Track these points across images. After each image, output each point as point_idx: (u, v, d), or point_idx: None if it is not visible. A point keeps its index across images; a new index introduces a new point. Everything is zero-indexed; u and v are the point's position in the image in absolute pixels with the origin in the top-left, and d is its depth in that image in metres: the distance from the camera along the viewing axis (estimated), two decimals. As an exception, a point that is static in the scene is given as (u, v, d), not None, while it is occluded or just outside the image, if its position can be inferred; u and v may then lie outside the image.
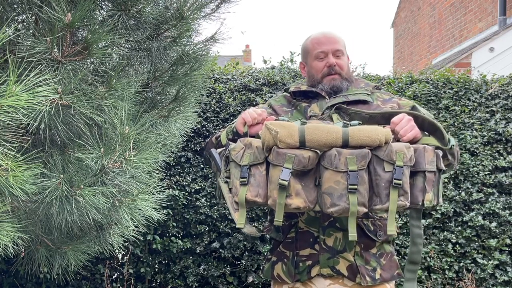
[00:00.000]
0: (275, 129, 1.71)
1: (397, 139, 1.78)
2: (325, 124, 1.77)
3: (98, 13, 2.25)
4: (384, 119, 1.87)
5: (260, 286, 4.03)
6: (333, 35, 2.10)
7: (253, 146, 1.76)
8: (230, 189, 1.79)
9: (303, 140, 1.71)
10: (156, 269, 3.99)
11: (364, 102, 2.03)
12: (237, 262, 4.08)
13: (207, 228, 3.96)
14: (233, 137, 1.95)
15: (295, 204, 1.69)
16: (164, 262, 4.00)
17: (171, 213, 3.84)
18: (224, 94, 4.06)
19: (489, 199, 4.20)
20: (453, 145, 1.84)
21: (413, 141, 1.79)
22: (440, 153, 1.76)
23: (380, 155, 1.69)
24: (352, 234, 1.68)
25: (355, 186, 1.66)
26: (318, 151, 1.72)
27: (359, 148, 1.70)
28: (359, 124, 1.79)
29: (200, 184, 3.95)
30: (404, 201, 1.67)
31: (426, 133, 1.86)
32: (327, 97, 2.04)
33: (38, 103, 1.59)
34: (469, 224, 4.17)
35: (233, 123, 2.01)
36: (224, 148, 1.88)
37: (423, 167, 1.70)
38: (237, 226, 1.73)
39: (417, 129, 1.81)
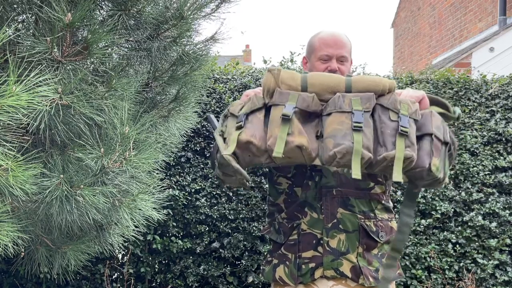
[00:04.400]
0: (277, 70, 1.67)
1: None
2: (328, 73, 1.72)
3: (98, 13, 2.25)
4: None
5: (260, 286, 4.03)
6: (341, 39, 2.07)
7: (252, 97, 1.71)
8: (224, 139, 1.72)
9: (305, 84, 1.66)
10: (156, 269, 3.99)
11: None
12: (237, 262, 4.08)
13: (207, 228, 3.96)
14: None
15: (297, 141, 1.60)
16: (164, 262, 4.00)
17: (171, 213, 3.84)
18: (224, 94, 4.06)
19: (489, 199, 4.20)
20: (460, 114, 1.81)
21: (420, 104, 1.74)
22: (448, 128, 1.71)
23: (384, 103, 1.64)
24: (356, 172, 1.57)
25: (360, 125, 1.59)
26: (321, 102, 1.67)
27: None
28: None
29: (200, 184, 3.95)
30: (411, 152, 1.59)
31: None
32: None
33: (38, 103, 1.59)
34: (469, 224, 4.17)
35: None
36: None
37: (430, 130, 1.64)
38: (223, 153, 1.61)
39: (420, 91, 1.77)
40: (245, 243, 3.97)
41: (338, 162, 1.62)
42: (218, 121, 1.89)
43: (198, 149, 3.98)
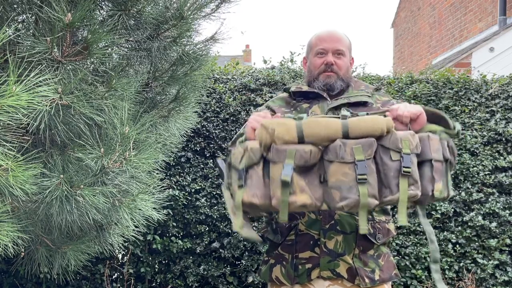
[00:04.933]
0: (271, 126, 1.65)
1: (401, 122, 1.73)
2: (322, 118, 1.70)
3: (98, 13, 2.25)
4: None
5: (260, 286, 4.03)
6: (337, 35, 2.08)
7: (248, 148, 1.70)
8: (231, 195, 1.73)
9: (302, 135, 1.64)
10: (156, 269, 3.99)
11: (365, 103, 2.02)
12: (237, 262, 4.08)
13: (207, 228, 3.96)
14: None
15: (300, 201, 1.62)
16: (164, 262, 4.00)
17: (171, 213, 3.84)
18: (224, 94, 4.06)
19: (489, 199, 4.20)
20: (459, 130, 1.79)
21: (417, 121, 1.73)
22: (446, 143, 1.71)
23: (386, 143, 1.63)
24: (363, 227, 1.61)
25: (365, 176, 1.60)
26: (319, 147, 1.66)
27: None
28: (367, 114, 1.72)
29: (200, 184, 3.95)
30: (415, 190, 1.61)
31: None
32: (328, 98, 2.03)
33: (38, 103, 1.59)
34: (469, 224, 4.16)
35: (241, 135, 1.94)
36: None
37: (429, 156, 1.64)
38: (233, 229, 1.67)
39: (417, 107, 1.76)
40: (245, 243, 3.97)
41: (346, 211, 1.69)
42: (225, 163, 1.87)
43: (198, 149, 3.98)
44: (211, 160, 3.99)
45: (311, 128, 1.65)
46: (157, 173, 2.76)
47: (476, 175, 4.21)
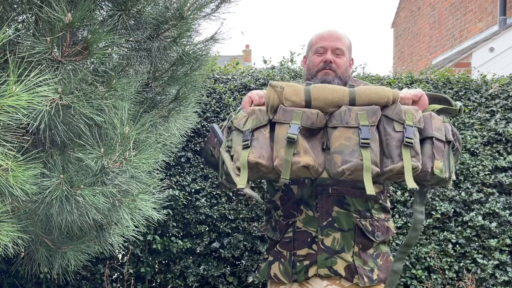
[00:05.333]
0: (281, 85, 1.66)
1: (403, 104, 1.74)
2: (330, 85, 1.71)
3: (98, 13, 2.25)
4: None
5: (260, 286, 4.03)
6: (337, 34, 2.10)
7: (256, 111, 1.70)
8: (232, 157, 1.72)
9: (309, 99, 1.65)
10: (156, 269, 3.99)
11: None
12: (237, 262, 4.08)
13: (207, 228, 3.96)
14: None
15: (303, 161, 1.62)
16: (164, 262, 4.00)
17: (171, 213, 3.84)
18: (224, 94, 4.06)
19: (489, 199, 4.20)
20: (461, 107, 1.81)
21: (419, 102, 1.75)
22: (449, 127, 1.72)
23: (389, 114, 1.64)
24: (370, 188, 1.60)
25: (368, 141, 1.60)
26: (325, 113, 1.66)
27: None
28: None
29: (200, 184, 3.95)
30: (417, 162, 1.61)
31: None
32: None
33: (38, 103, 1.59)
34: (469, 224, 4.16)
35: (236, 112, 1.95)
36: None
37: (430, 133, 1.65)
38: (237, 187, 1.64)
39: (420, 90, 1.77)
40: (245, 243, 3.97)
41: (346, 177, 1.66)
42: (221, 129, 1.87)
43: (198, 149, 3.98)
44: (211, 160, 3.99)
45: (319, 92, 1.65)
46: (157, 173, 2.76)
47: (476, 175, 4.21)
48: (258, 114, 1.70)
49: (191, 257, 3.97)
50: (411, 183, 1.61)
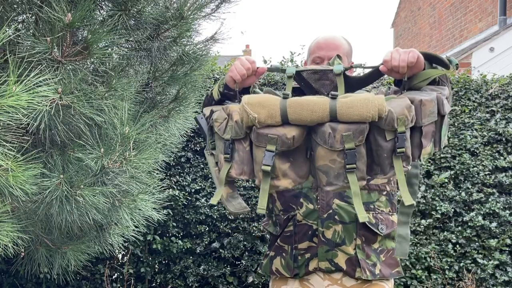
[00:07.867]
0: (253, 114, 1.58)
1: (397, 72, 1.65)
2: (310, 99, 1.59)
3: (98, 13, 2.25)
4: (378, 73, 1.75)
5: (260, 286, 4.03)
6: (334, 42, 2.06)
7: (233, 120, 1.65)
8: (216, 163, 1.71)
9: (286, 118, 1.58)
10: (156, 269, 3.99)
11: None
12: (237, 262, 4.08)
13: (207, 228, 3.96)
14: (223, 90, 1.84)
15: (282, 185, 1.60)
16: (164, 262, 4.00)
17: (171, 213, 3.84)
18: (224, 94, 4.05)
19: (489, 199, 4.20)
20: (457, 63, 1.74)
21: (415, 65, 1.64)
22: (443, 96, 1.64)
23: (381, 125, 1.55)
24: (362, 215, 1.55)
25: (354, 166, 1.54)
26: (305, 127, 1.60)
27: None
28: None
29: (200, 184, 3.94)
30: (407, 166, 1.56)
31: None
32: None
33: (38, 103, 1.59)
34: (469, 224, 4.16)
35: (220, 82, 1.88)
36: (213, 108, 1.78)
37: (419, 123, 1.58)
38: (210, 202, 1.64)
39: (414, 51, 1.65)
40: (245, 243, 3.97)
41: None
42: (206, 120, 1.83)
43: (198, 149, 3.97)
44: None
45: (296, 113, 1.57)
46: (157, 173, 2.76)
47: (476, 175, 4.21)
48: (235, 127, 1.65)
49: (191, 257, 3.97)
50: (408, 199, 1.57)
